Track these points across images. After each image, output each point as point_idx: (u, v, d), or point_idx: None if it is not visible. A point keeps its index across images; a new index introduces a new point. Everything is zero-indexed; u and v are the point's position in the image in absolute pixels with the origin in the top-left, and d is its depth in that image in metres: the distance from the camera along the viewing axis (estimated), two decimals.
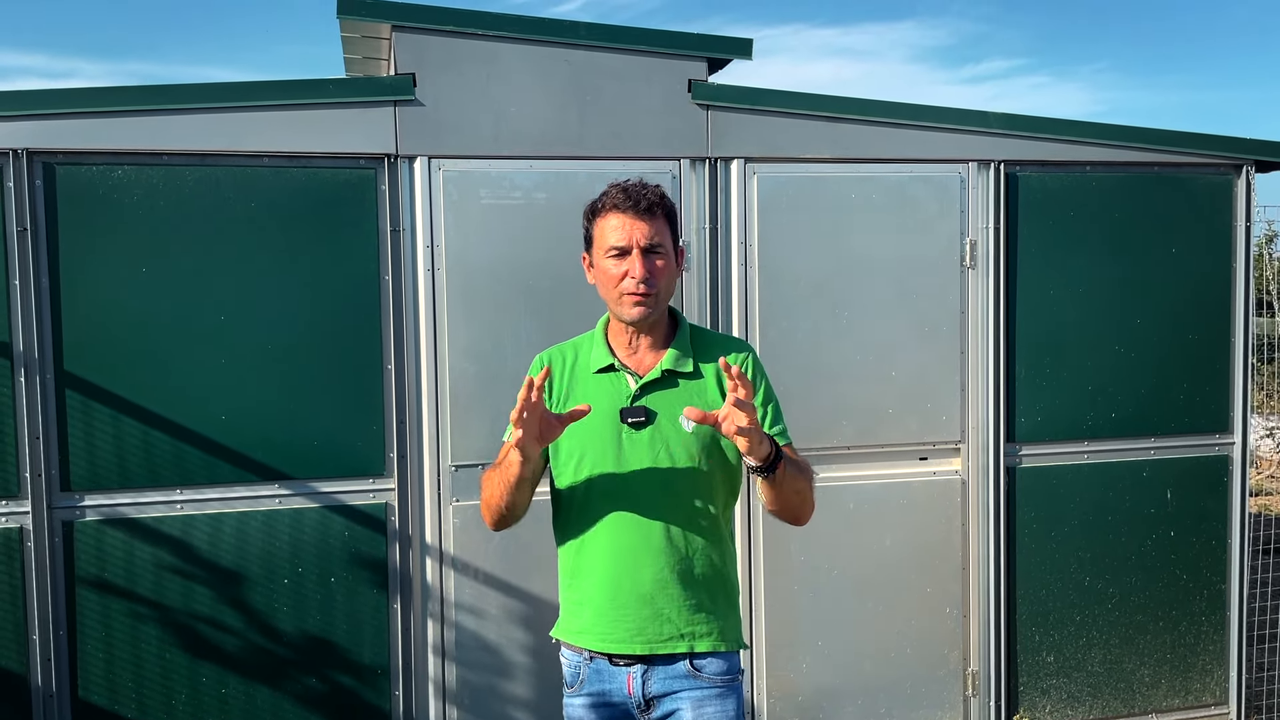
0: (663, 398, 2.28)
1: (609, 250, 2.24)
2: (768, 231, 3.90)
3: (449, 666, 3.74)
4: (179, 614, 3.53)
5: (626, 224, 2.23)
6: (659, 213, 2.25)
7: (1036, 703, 4.26)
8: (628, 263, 2.23)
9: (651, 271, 2.23)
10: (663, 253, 2.25)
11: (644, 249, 2.23)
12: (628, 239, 2.22)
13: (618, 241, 2.23)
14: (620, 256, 2.24)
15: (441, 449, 3.69)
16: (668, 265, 2.26)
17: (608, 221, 2.26)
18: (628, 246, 2.23)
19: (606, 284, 2.27)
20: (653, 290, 2.23)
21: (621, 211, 2.24)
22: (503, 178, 3.70)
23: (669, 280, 2.28)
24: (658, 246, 2.24)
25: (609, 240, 2.24)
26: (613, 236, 2.24)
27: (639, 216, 2.23)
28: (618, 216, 2.24)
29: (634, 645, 2.25)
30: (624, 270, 2.23)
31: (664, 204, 2.28)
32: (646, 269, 2.22)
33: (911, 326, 4.04)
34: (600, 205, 2.28)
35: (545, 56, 3.71)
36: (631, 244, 2.22)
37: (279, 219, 3.54)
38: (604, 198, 2.28)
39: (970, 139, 4.03)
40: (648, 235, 2.23)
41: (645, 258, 2.23)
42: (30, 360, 3.37)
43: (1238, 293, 4.32)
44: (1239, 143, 4.26)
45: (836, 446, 3.99)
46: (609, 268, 2.25)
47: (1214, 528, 4.38)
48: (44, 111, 3.35)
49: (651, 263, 2.24)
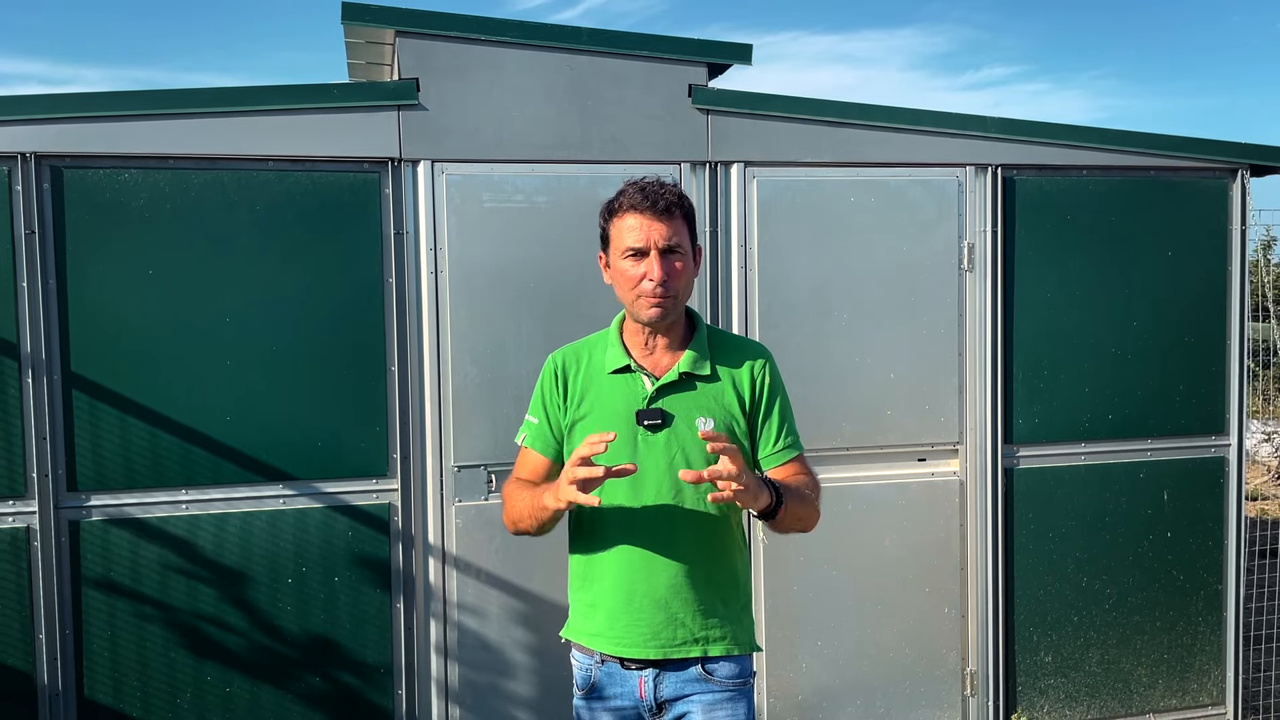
0: (679, 400, 2.25)
1: (626, 251, 2.21)
2: (767, 235, 3.93)
3: (451, 666, 3.77)
4: (184, 613, 3.56)
5: (644, 225, 2.19)
6: (677, 213, 2.22)
7: (1035, 702, 4.28)
8: (645, 264, 2.20)
9: (669, 273, 2.20)
10: (681, 253, 2.22)
11: (662, 250, 2.19)
12: (645, 240, 2.19)
13: (635, 242, 2.19)
14: (638, 257, 2.20)
15: (444, 450, 3.72)
16: (686, 266, 2.23)
17: (625, 222, 2.21)
18: (645, 248, 2.19)
19: (624, 285, 2.23)
20: (670, 292, 2.20)
21: (639, 212, 2.19)
22: (505, 181, 3.73)
23: (687, 281, 2.25)
24: (676, 247, 2.21)
25: (626, 241, 2.21)
26: (630, 237, 2.20)
27: (657, 217, 2.19)
28: (635, 217, 2.20)
29: (648, 650, 2.24)
30: (642, 272, 2.20)
31: (683, 204, 2.24)
32: (665, 270, 2.19)
33: (910, 329, 4.08)
34: (617, 205, 2.24)
35: (547, 62, 3.74)
36: (649, 245, 2.19)
37: (283, 222, 3.57)
38: (621, 197, 2.23)
39: (968, 143, 4.07)
40: (666, 236, 2.19)
41: (663, 259, 2.19)
42: (37, 361, 3.40)
43: (1233, 295, 4.36)
44: (1234, 147, 4.30)
45: (836, 447, 4.03)
46: (626, 268, 2.22)
47: (1210, 529, 4.41)
48: (51, 116, 3.39)
49: (670, 264, 2.20)
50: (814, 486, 2.31)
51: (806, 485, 2.28)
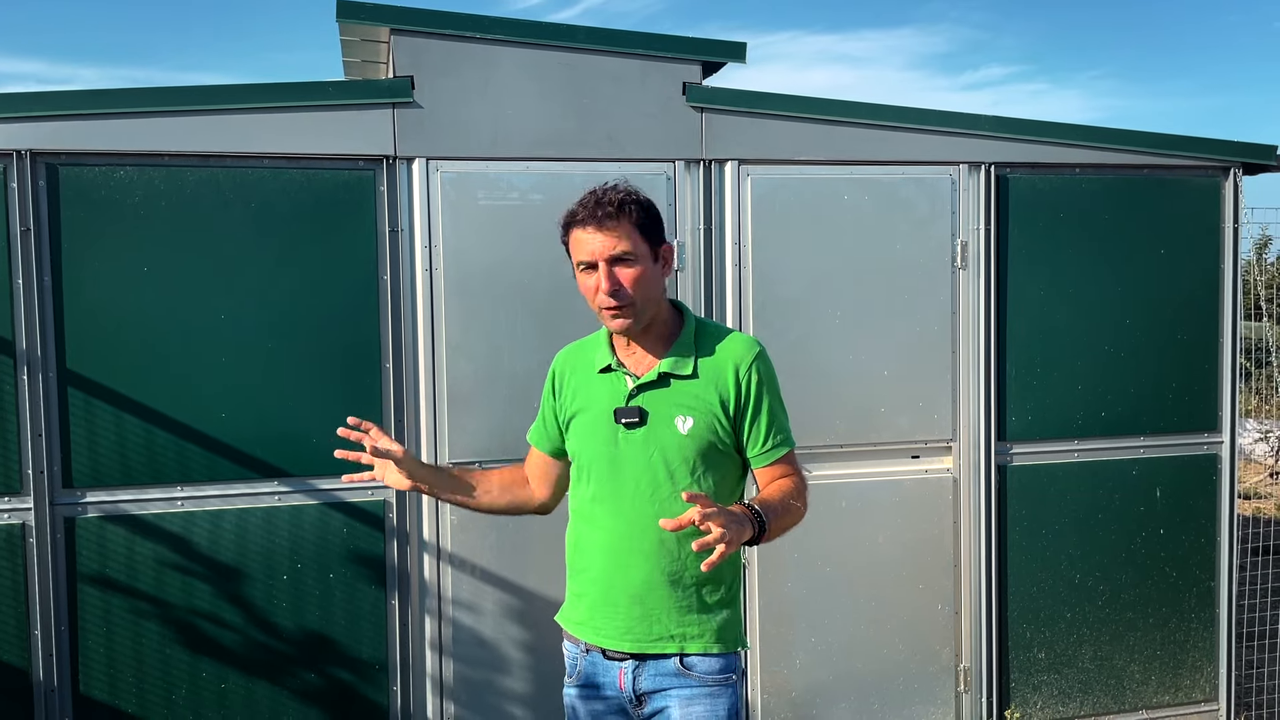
0: (658, 397, 2.26)
1: (579, 265, 2.23)
2: (761, 233, 3.94)
3: (446, 662, 3.78)
4: (179, 610, 3.56)
5: (588, 238, 2.19)
6: (624, 219, 2.19)
7: (1028, 699, 4.30)
8: (595, 277, 2.20)
9: (620, 282, 2.18)
10: (631, 259, 2.19)
11: (611, 260, 2.18)
12: (590, 254, 2.19)
13: (582, 257, 2.21)
14: (589, 270, 2.21)
15: (439, 447, 3.73)
16: (641, 271, 2.20)
17: (575, 236, 2.23)
18: (593, 260, 2.19)
19: (586, 297, 2.25)
20: (625, 300, 2.19)
21: (584, 226, 2.20)
22: (500, 179, 3.74)
23: (645, 286, 2.22)
24: (624, 255, 2.18)
25: (577, 255, 2.23)
26: (578, 252, 2.21)
27: (599, 228, 2.18)
28: (581, 231, 2.20)
29: (623, 643, 2.26)
30: (594, 284, 2.20)
31: (629, 209, 2.20)
32: (612, 282, 2.18)
33: (903, 326, 4.09)
34: (570, 219, 2.24)
35: (542, 60, 3.75)
36: (595, 258, 2.19)
37: (279, 219, 3.58)
38: (571, 212, 2.24)
39: (961, 142, 4.08)
40: (610, 247, 2.18)
41: (612, 269, 2.18)
42: (33, 358, 3.41)
43: (1226, 293, 4.37)
44: (1227, 145, 4.31)
45: (829, 445, 4.04)
46: (583, 281, 2.24)
47: (1203, 526, 4.42)
48: (47, 113, 3.39)
49: (620, 274, 2.19)
50: (800, 487, 2.28)
51: (791, 491, 2.24)
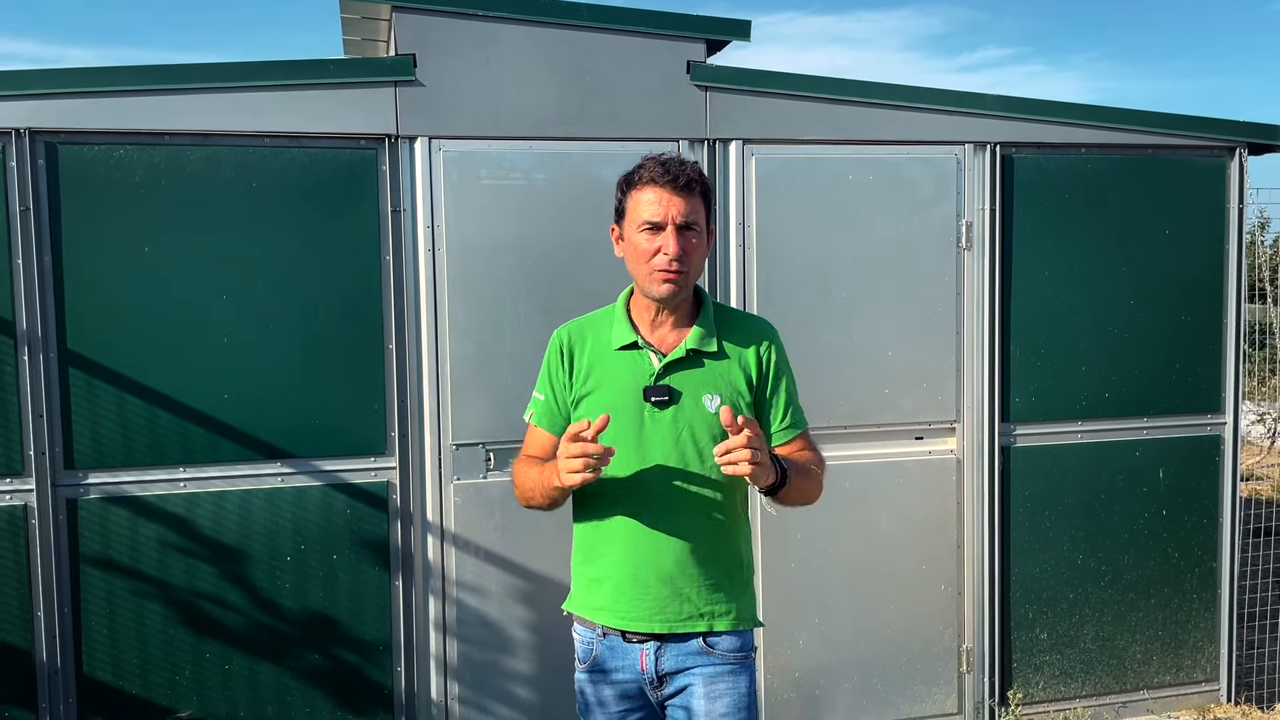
0: (687, 377, 2.25)
1: (642, 225, 2.20)
2: (765, 213, 3.92)
3: (450, 643, 3.78)
4: (182, 591, 3.56)
5: (663, 199, 2.18)
6: (696, 190, 2.21)
7: (1030, 679, 4.31)
8: (661, 239, 2.19)
9: (685, 249, 2.19)
10: (697, 230, 2.21)
11: (679, 226, 2.19)
12: (663, 215, 2.18)
13: (652, 216, 2.19)
14: (654, 231, 2.19)
15: (443, 428, 3.72)
16: (700, 244, 2.23)
17: (643, 195, 2.21)
18: (662, 222, 2.18)
19: (637, 259, 2.23)
20: (684, 269, 2.20)
21: (659, 186, 2.19)
22: (502, 158, 3.72)
23: (700, 260, 2.25)
24: (693, 224, 2.20)
25: (643, 214, 2.20)
26: (647, 211, 2.19)
27: (676, 192, 2.18)
28: (654, 190, 2.19)
29: (653, 624, 2.25)
30: (656, 246, 2.19)
31: (702, 182, 2.24)
32: (681, 246, 2.18)
33: (908, 307, 4.07)
34: (636, 178, 2.23)
35: (545, 37, 3.72)
36: (667, 220, 2.18)
37: (280, 199, 3.56)
38: (641, 170, 2.23)
39: (966, 121, 4.06)
40: (684, 212, 2.19)
41: (680, 235, 2.19)
42: (33, 338, 3.39)
43: (1230, 274, 4.36)
44: (1232, 125, 4.30)
45: (833, 426, 4.03)
46: (641, 242, 2.21)
47: (1205, 507, 4.43)
48: (46, 91, 3.36)
49: (686, 240, 2.19)
50: (818, 463, 2.34)
51: (811, 461, 2.31)
